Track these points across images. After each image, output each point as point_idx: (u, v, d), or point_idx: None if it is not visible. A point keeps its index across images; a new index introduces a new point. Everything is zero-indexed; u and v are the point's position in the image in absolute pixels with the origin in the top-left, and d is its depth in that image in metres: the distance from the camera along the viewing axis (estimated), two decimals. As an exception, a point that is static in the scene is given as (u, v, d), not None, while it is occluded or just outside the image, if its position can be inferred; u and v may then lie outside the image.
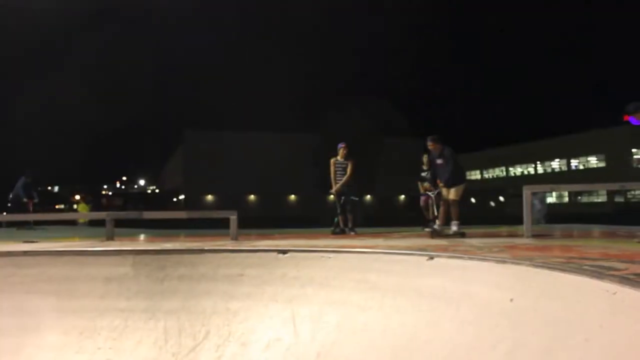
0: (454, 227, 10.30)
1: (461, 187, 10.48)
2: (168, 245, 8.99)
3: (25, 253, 8.76)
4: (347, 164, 11.69)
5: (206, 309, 7.45)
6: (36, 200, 16.95)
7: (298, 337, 6.81)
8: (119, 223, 11.79)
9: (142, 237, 12.52)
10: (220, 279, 7.80)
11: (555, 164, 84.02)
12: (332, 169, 11.76)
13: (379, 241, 9.06)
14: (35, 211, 16.04)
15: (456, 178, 10.57)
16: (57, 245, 9.58)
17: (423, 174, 13.48)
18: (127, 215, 12.91)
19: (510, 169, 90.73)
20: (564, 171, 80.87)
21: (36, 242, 10.47)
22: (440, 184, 10.70)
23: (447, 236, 10.08)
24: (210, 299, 7.54)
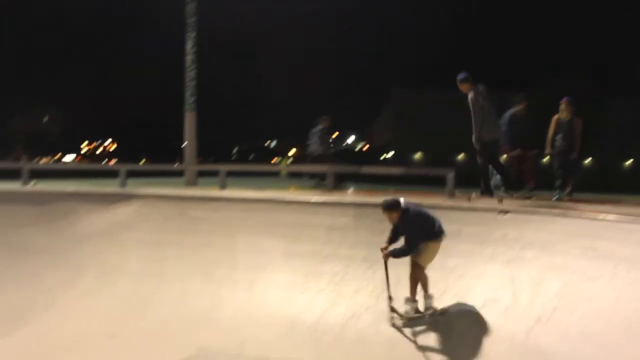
0: None
1: None
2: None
3: (257, 200, 9.94)
4: (571, 122, 10.68)
5: (423, 263, 7.78)
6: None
7: (517, 300, 6.81)
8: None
9: (360, 191, 13.23)
10: (438, 235, 8.05)
11: None
12: (552, 126, 10.76)
13: (607, 207, 8.48)
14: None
15: None
16: (283, 195, 10.61)
17: None
18: (346, 169, 13.72)
19: None
20: None
21: (264, 190, 11.67)
22: None
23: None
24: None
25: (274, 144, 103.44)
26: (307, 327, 7.49)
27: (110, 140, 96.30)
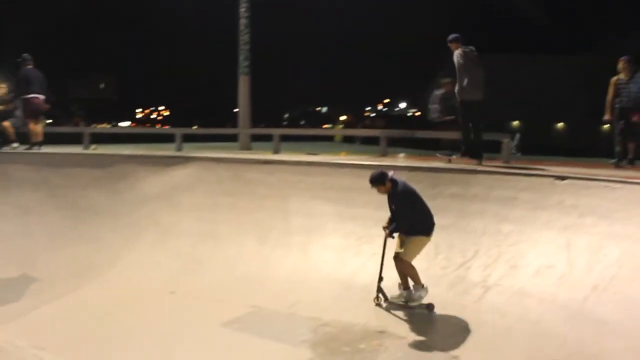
0: None
1: None
2: (439, 164, 9.42)
3: (310, 164, 10.06)
4: (631, 82, 9.98)
5: (477, 229, 7.78)
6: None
7: (572, 267, 6.74)
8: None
9: (413, 156, 13.20)
10: (492, 200, 8.02)
11: None
12: (610, 90, 10.11)
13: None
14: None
15: None
16: (336, 158, 10.70)
17: None
18: (400, 133, 13.70)
19: None
20: None
21: (317, 154, 11.80)
22: None
23: None
24: (482, 219, 7.83)
25: (324, 110, 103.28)
26: (360, 289, 7.59)
27: (163, 107, 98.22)
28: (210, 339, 6.39)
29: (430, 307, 6.99)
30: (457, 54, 9.64)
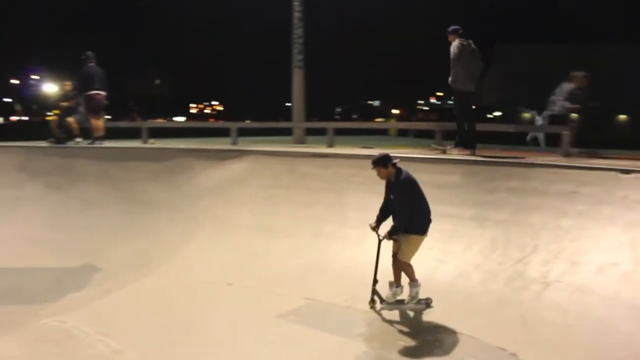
0: None
1: None
2: (497, 158, 9.28)
3: (367, 157, 10.03)
4: None
5: (535, 224, 7.61)
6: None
7: (637, 265, 6.54)
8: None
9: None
10: (551, 195, 7.83)
11: None
12: None
13: None
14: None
15: None
16: (391, 152, 10.64)
17: None
18: (455, 126, 13.49)
19: None
20: None
21: (372, 147, 11.78)
22: None
23: None
24: (540, 213, 7.66)
25: (377, 103, 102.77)
26: (414, 283, 7.57)
27: (216, 102, 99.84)
28: (266, 330, 6.51)
29: (428, 301, 6.88)
30: (454, 45, 9.94)
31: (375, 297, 6.95)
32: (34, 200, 11.64)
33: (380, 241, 6.90)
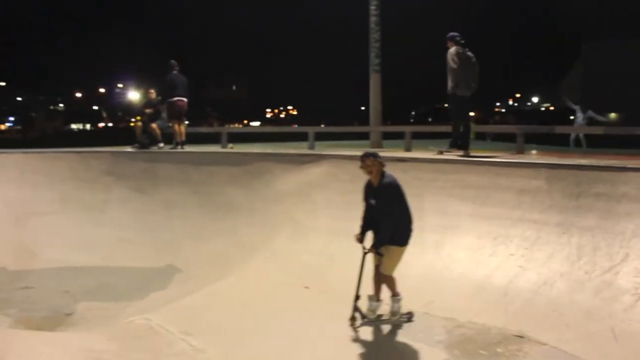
0: None
1: None
2: (583, 161, 8.93)
3: (446, 161, 9.92)
4: None
5: (626, 230, 7.22)
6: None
7: None
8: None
9: (548, 152, 12.60)
10: (644, 201, 7.46)
11: None
12: None
13: None
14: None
15: None
16: (471, 156, 10.46)
17: None
18: (536, 129, 13.17)
19: None
20: None
21: (450, 151, 11.60)
22: None
23: None
24: (632, 220, 7.27)
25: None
26: (496, 291, 7.39)
27: (291, 107, 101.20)
28: (343, 334, 6.52)
29: (410, 316, 6.72)
30: (450, 53, 10.42)
31: (356, 314, 6.68)
32: (121, 203, 12.25)
33: (365, 254, 6.69)
